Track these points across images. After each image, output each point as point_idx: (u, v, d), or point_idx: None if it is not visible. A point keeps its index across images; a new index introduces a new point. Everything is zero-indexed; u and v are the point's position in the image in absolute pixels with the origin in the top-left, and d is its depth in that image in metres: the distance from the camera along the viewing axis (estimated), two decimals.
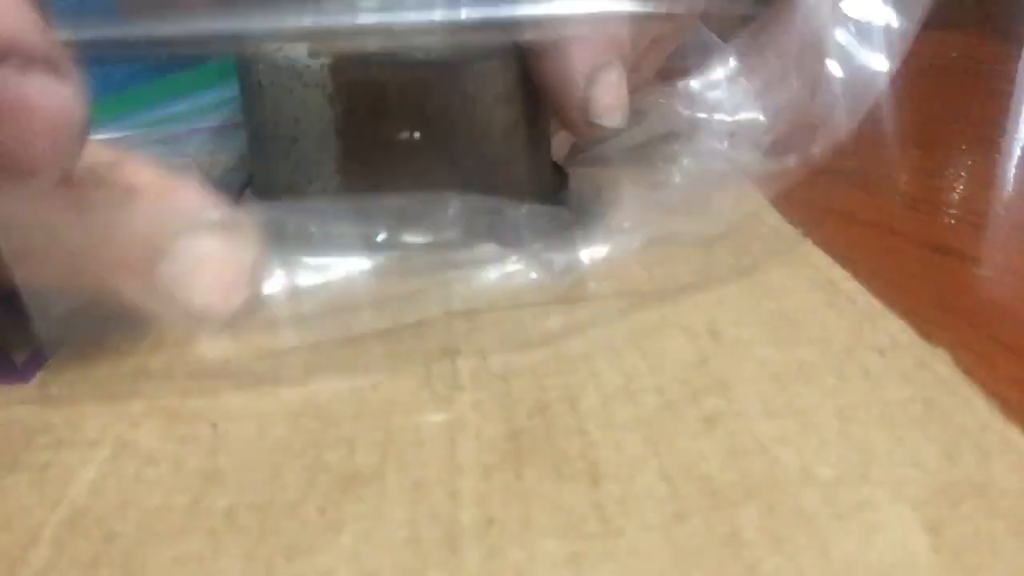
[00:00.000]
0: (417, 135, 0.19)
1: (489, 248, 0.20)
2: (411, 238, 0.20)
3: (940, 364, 0.16)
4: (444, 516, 0.13)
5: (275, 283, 0.20)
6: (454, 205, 0.19)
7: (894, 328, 0.18)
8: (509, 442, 0.15)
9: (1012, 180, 0.29)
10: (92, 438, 0.15)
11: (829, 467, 0.14)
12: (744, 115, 0.26)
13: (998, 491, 0.13)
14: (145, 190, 0.16)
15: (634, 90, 0.21)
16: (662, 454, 0.14)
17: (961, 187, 0.28)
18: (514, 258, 0.20)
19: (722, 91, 0.27)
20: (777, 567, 0.12)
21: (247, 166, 0.24)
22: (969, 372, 0.16)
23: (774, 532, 0.12)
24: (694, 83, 0.27)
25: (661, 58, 0.28)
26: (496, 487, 0.14)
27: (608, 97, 0.20)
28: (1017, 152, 0.31)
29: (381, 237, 0.20)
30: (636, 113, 0.23)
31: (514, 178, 0.21)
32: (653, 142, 0.27)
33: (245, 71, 0.20)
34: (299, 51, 0.19)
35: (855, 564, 0.12)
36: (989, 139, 0.32)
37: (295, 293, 0.20)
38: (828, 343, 0.17)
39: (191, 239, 0.16)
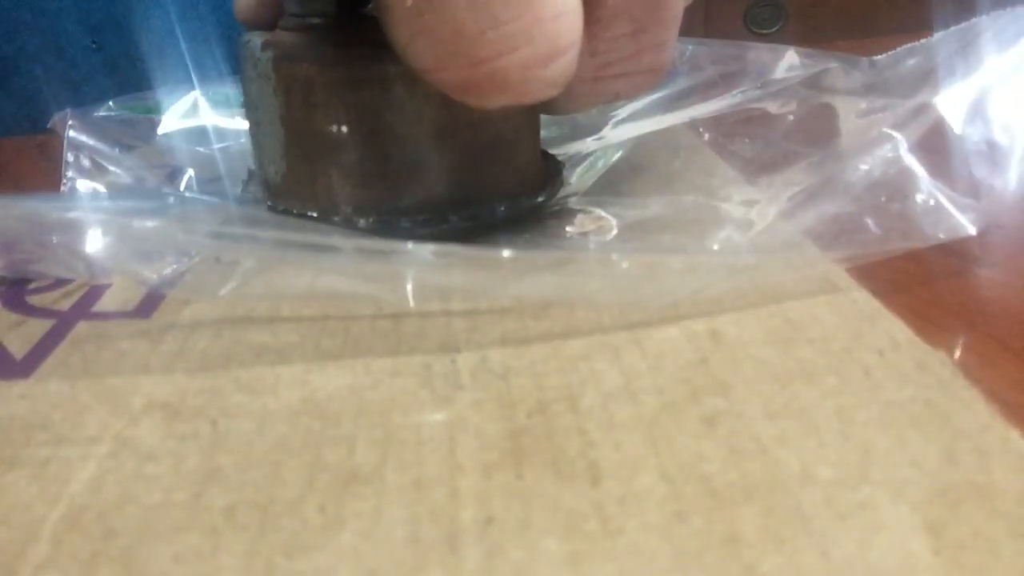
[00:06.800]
0: (345, 129, 0.20)
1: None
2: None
3: (940, 365, 0.16)
4: (444, 515, 0.13)
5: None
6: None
7: (894, 329, 0.18)
8: (509, 442, 0.15)
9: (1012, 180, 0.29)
10: (92, 435, 0.15)
11: (829, 468, 0.14)
12: None
13: (998, 492, 0.13)
14: None
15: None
16: (662, 454, 0.14)
17: None
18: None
19: None
20: (777, 567, 0.12)
21: None
22: (969, 373, 0.16)
23: (774, 532, 0.12)
24: None
25: None
26: (496, 487, 0.14)
27: None
28: (1018, 152, 0.31)
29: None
30: None
31: (458, 178, 0.21)
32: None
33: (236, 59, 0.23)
34: (257, 43, 0.21)
35: (855, 565, 0.12)
36: None
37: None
38: (828, 343, 0.17)
39: None
